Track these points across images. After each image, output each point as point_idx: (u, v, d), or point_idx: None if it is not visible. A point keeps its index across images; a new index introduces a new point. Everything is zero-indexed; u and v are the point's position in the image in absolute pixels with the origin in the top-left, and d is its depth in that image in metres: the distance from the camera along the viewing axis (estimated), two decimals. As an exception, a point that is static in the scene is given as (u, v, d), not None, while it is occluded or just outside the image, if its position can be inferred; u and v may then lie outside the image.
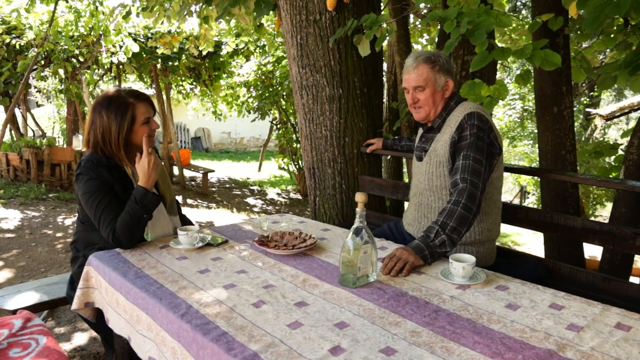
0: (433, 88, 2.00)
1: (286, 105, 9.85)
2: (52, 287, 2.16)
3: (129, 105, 1.94)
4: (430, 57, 1.99)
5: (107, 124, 1.92)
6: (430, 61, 1.98)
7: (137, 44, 7.32)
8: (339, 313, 1.34)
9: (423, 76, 1.98)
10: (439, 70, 1.99)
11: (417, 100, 2.03)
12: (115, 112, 1.92)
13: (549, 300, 1.43)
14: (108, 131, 1.92)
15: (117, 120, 1.92)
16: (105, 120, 1.92)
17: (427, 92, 2.00)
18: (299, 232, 1.96)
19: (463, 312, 1.35)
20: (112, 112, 1.93)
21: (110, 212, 1.84)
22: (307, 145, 2.93)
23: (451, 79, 2.02)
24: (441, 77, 1.99)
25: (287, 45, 2.85)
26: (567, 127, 3.29)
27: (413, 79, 2.01)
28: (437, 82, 1.99)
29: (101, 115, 1.93)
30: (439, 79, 1.99)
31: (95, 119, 1.94)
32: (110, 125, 1.92)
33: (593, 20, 2.25)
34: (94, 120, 1.95)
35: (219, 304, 1.40)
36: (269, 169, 14.38)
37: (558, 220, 2.03)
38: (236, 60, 10.61)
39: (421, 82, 1.99)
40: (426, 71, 1.98)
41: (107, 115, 1.92)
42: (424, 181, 2.07)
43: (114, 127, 1.92)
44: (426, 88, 1.99)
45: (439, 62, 1.99)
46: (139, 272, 1.64)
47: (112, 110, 1.93)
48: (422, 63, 1.98)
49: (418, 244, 1.73)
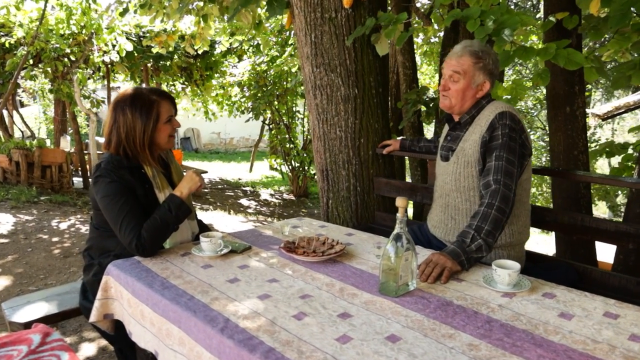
0: (468, 82, 1.92)
1: (279, 105, 9.77)
2: (62, 297, 2.05)
3: (153, 102, 1.87)
4: (478, 52, 1.91)
5: (131, 122, 1.84)
6: (476, 56, 1.91)
7: (130, 42, 7.18)
8: (387, 325, 1.27)
9: (463, 66, 1.91)
10: (481, 67, 1.91)
11: (448, 88, 1.96)
12: (140, 110, 1.85)
13: (601, 308, 1.37)
14: (132, 130, 1.84)
15: (143, 118, 1.85)
16: (130, 118, 1.84)
17: (460, 85, 1.92)
18: (325, 238, 1.89)
19: (516, 323, 1.28)
20: (137, 109, 1.84)
21: (133, 217, 1.75)
22: (320, 146, 2.85)
23: (490, 80, 1.94)
24: (480, 75, 1.92)
25: (300, 43, 2.77)
26: (579, 127, 3.26)
27: (453, 64, 1.93)
28: (474, 78, 1.92)
29: (125, 114, 1.85)
30: (478, 77, 1.92)
31: (117, 118, 1.86)
32: (135, 124, 1.84)
33: (620, 18, 2.21)
34: (116, 119, 1.86)
35: (257, 316, 1.32)
36: (260, 170, 14.27)
37: (575, 220, 1.98)
38: (228, 59, 10.50)
39: (459, 69, 1.91)
40: (468, 63, 1.91)
41: (132, 113, 1.84)
42: (451, 182, 2.01)
43: (139, 125, 1.84)
44: (461, 80, 1.91)
45: (485, 60, 1.91)
46: (165, 282, 1.55)
47: (136, 108, 1.85)
48: (467, 54, 1.91)
49: (454, 249, 1.67)
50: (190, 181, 1.90)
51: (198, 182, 1.90)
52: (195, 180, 1.90)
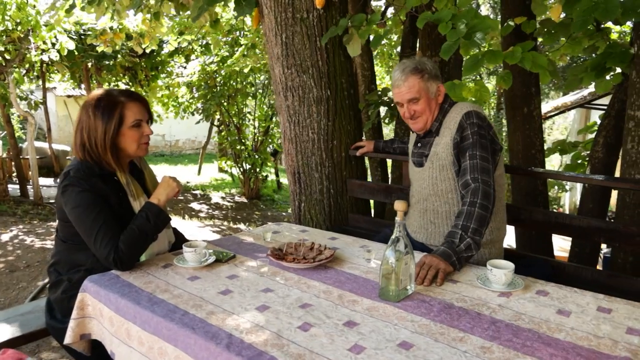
0: (427, 97, 1.96)
1: (228, 106, 9.58)
2: (26, 317, 1.88)
3: (117, 103, 1.74)
4: (416, 66, 1.94)
5: (93, 123, 1.72)
6: (418, 71, 1.94)
7: (72, 41, 6.77)
8: (396, 331, 1.25)
9: (415, 88, 1.94)
10: (428, 78, 1.95)
11: (414, 112, 1.98)
12: (102, 111, 1.72)
13: (593, 303, 1.42)
14: (94, 131, 1.72)
15: (104, 119, 1.72)
16: (92, 120, 1.72)
17: (422, 103, 1.96)
18: (312, 243, 1.85)
19: (520, 322, 1.30)
20: (99, 110, 1.72)
21: (108, 229, 1.63)
22: (292, 148, 2.80)
23: (441, 83, 1.99)
24: (432, 84, 1.96)
25: (270, 44, 2.71)
26: (536, 127, 3.40)
27: (405, 92, 1.96)
28: (429, 90, 1.96)
29: (88, 115, 1.73)
30: (431, 87, 1.96)
31: (82, 119, 1.74)
32: (96, 125, 1.72)
33: (582, 23, 2.31)
34: (80, 121, 1.74)
35: (260, 329, 1.26)
36: (209, 172, 13.95)
37: (564, 220, 2.06)
38: (175, 59, 10.17)
39: (414, 94, 1.94)
40: (417, 82, 1.94)
41: (94, 113, 1.72)
42: (428, 187, 2.02)
43: (100, 127, 1.72)
44: (420, 99, 1.95)
45: (427, 69, 1.95)
46: (152, 298, 1.45)
47: (99, 109, 1.72)
48: (410, 75, 1.93)
49: (445, 250, 1.68)
50: (168, 187, 1.79)
51: (176, 187, 1.80)
52: (172, 186, 1.80)
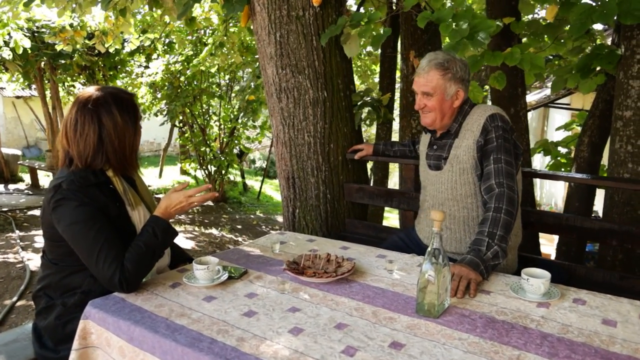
0: (441, 96, 1.88)
1: (192, 106, 9.28)
2: (11, 347, 1.67)
3: (137, 106, 1.62)
4: (444, 62, 1.86)
5: (121, 125, 1.55)
6: (442, 67, 1.86)
7: (26, 38, 6.35)
8: (447, 352, 1.17)
9: (432, 83, 1.86)
10: (450, 78, 1.87)
11: (424, 105, 1.92)
12: (129, 111, 1.57)
13: (634, 311, 1.38)
14: (123, 135, 1.56)
15: (132, 119, 1.58)
16: (120, 121, 1.55)
17: (434, 100, 1.89)
18: (328, 254, 1.74)
19: (571, 336, 1.25)
20: (125, 111, 1.56)
21: (111, 247, 1.46)
22: (286, 152, 2.67)
23: (462, 88, 1.89)
24: (452, 86, 1.88)
25: (262, 43, 2.57)
26: (523, 127, 3.42)
27: (422, 83, 1.89)
28: (446, 90, 1.88)
29: (112, 115, 1.54)
30: (449, 88, 1.88)
31: (104, 120, 1.54)
32: (126, 128, 1.57)
33: (580, 26, 2.31)
34: (103, 123, 1.54)
35: (302, 356, 1.15)
36: (170, 175, 13.52)
37: (574, 222, 2.04)
38: (135, 59, 9.77)
39: (429, 89, 1.87)
40: (436, 78, 1.86)
41: (120, 114, 1.55)
42: (446, 190, 1.96)
43: (130, 130, 1.57)
44: (434, 96, 1.88)
45: (452, 69, 1.87)
46: (170, 324, 1.31)
47: (124, 110, 1.56)
48: (433, 68, 1.86)
49: (472, 259, 1.61)
50: (178, 199, 1.63)
51: (183, 200, 1.64)
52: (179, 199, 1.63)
